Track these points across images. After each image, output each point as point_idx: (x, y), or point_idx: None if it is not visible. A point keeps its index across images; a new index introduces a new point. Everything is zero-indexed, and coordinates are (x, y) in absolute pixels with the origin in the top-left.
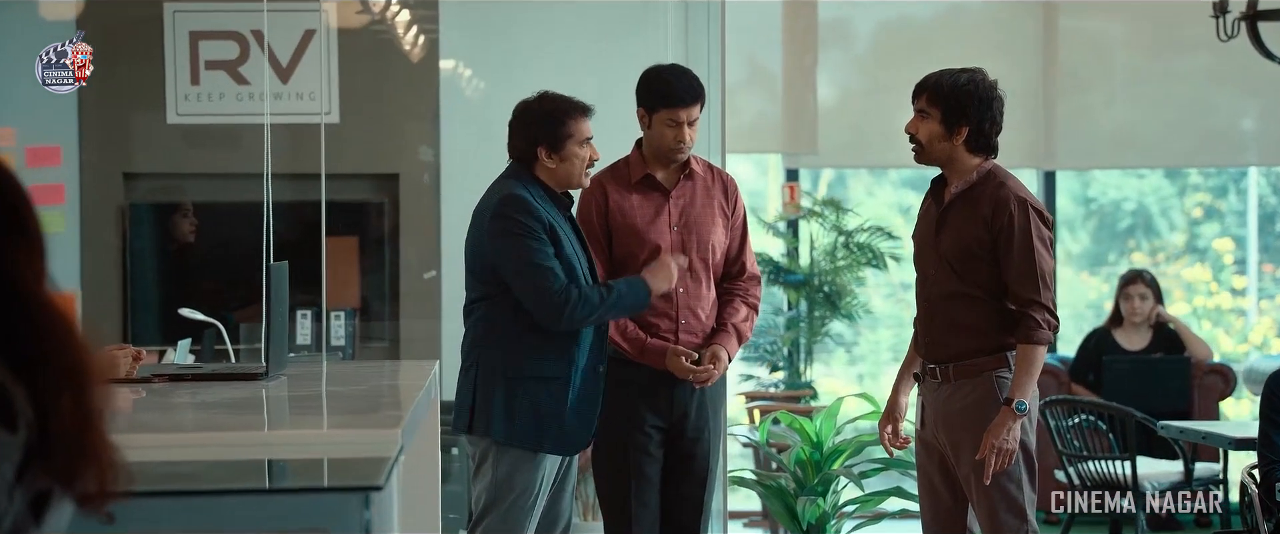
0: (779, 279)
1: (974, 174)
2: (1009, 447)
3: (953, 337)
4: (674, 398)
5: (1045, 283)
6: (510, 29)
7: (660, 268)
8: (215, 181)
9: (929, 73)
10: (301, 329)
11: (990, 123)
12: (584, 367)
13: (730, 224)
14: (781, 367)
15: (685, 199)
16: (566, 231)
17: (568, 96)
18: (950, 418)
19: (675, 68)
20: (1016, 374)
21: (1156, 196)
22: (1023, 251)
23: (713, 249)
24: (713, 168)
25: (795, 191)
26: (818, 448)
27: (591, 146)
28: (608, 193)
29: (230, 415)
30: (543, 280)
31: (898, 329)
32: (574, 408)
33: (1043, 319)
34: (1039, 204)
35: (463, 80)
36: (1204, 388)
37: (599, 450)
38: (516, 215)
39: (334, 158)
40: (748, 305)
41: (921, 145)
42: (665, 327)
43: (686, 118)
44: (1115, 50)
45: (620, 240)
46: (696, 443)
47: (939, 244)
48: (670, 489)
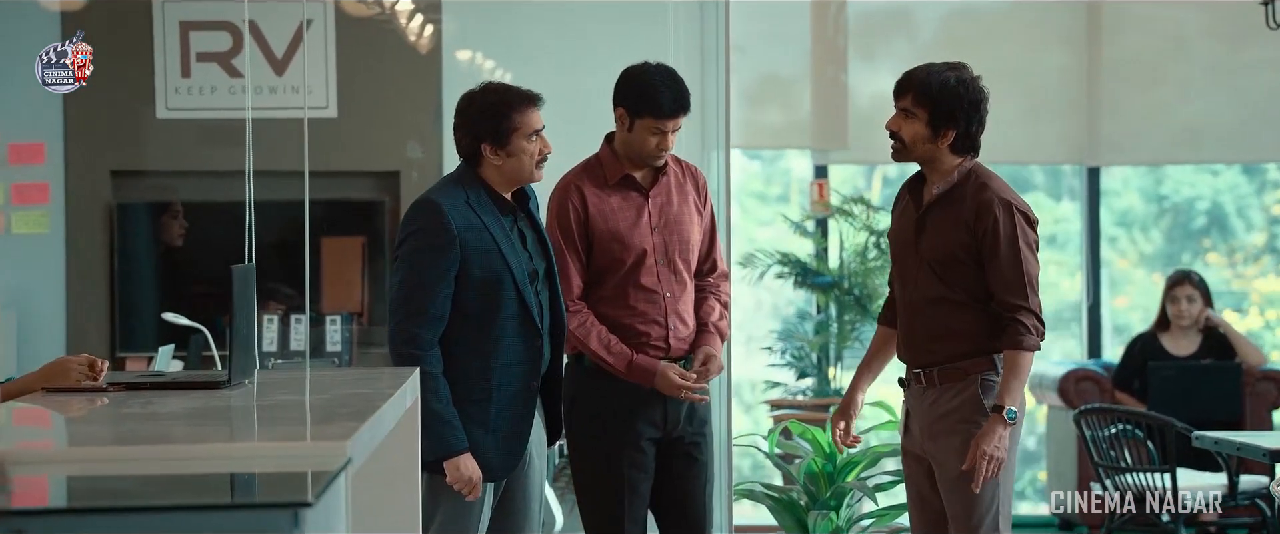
0: (806, 281)
1: (954, 174)
2: (999, 455)
3: (937, 342)
4: (666, 404)
5: (1032, 288)
6: (517, 19)
7: None
8: (208, 180)
9: (913, 68)
10: (295, 335)
11: (977, 125)
12: (511, 384)
13: (702, 219)
14: (810, 373)
15: (662, 197)
16: (504, 239)
17: (513, 86)
18: (935, 424)
19: (662, 71)
20: (1005, 381)
21: (1233, 194)
22: (1009, 257)
23: (692, 247)
24: (680, 161)
25: (824, 189)
26: (831, 460)
27: (542, 139)
28: (585, 196)
29: (172, 427)
30: (399, 306)
31: None
32: (497, 430)
33: (1031, 325)
34: (1024, 205)
35: (467, 72)
36: (1256, 395)
37: (583, 465)
38: (416, 223)
39: (332, 154)
40: (721, 303)
41: (903, 144)
42: (655, 335)
43: (671, 127)
44: (1169, 41)
45: (602, 246)
46: (697, 446)
47: (919, 247)
48: (674, 500)
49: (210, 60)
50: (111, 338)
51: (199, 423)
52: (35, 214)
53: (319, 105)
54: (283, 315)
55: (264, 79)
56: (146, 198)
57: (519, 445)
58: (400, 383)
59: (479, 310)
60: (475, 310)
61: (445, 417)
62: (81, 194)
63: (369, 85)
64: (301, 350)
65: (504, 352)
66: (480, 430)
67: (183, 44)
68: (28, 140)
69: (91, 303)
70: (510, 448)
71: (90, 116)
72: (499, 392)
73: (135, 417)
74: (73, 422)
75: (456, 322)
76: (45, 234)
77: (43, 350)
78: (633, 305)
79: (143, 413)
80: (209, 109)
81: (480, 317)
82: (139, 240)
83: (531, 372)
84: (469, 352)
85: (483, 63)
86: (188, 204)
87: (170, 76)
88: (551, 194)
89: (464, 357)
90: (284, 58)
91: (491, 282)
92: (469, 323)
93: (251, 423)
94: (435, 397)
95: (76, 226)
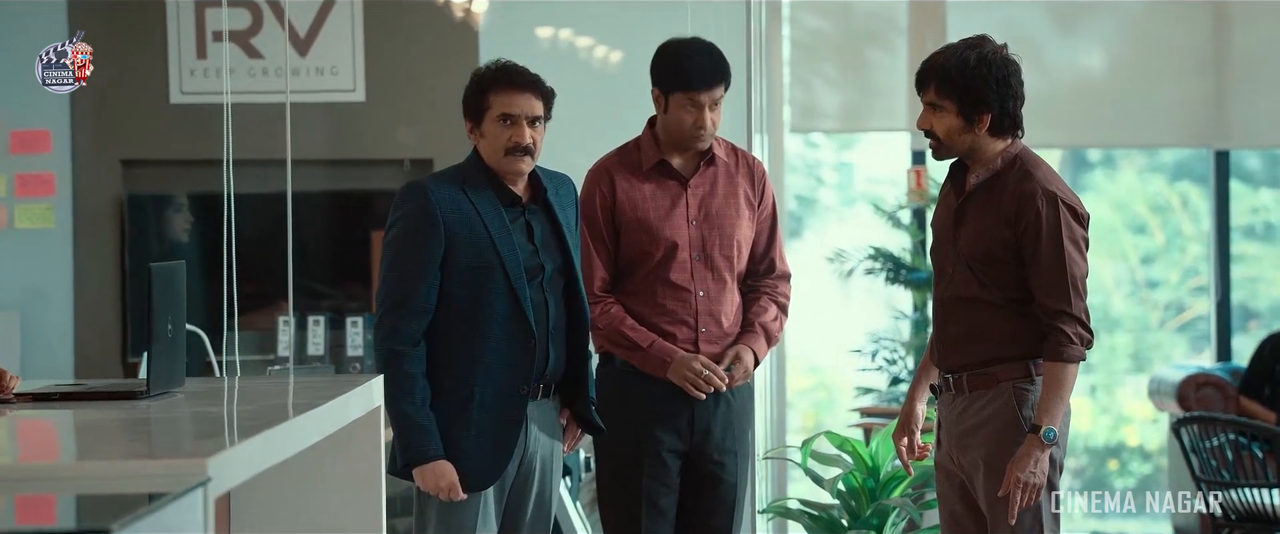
0: (900, 277)
1: (997, 161)
2: (1036, 481)
3: (969, 344)
4: (694, 414)
5: (1077, 290)
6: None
7: None
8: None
9: (929, 56)
10: (314, 338)
11: (1013, 99)
12: (495, 386)
13: (757, 215)
14: (904, 379)
15: (705, 188)
16: (500, 228)
17: (509, 65)
18: (965, 437)
19: (695, 43)
20: (1043, 397)
21: None
22: (1051, 254)
23: (738, 246)
24: (738, 151)
25: (922, 176)
26: (872, 474)
27: (517, 127)
28: (614, 181)
29: (43, 442)
30: (382, 297)
31: (1137, 333)
32: (478, 435)
33: (1074, 333)
34: (1072, 198)
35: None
36: None
37: (605, 477)
38: (399, 209)
39: (360, 141)
40: (777, 305)
41: (939, 141)
42: (683, 335)
43: (707, 101)
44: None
45: (630, 236)
46: (723, 466)
47: (957, 241)
48: (694, 521)
49: (228, 39)
50: (122, 340)
51: (79, 437)
52: (40, 207)
53: (346, 87)
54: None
55: (289, 60)
56: (159, 189)
57: (504, 454)
58: (344, 390)
59: (466, 303)
60: (462, 303)
61: (417, 421)
62: (90, 186)
63: (400, 66)
64: (320, 355)
65: (489, 350)
66: (461, 434)
67: (198, 22)
68: (32, 128)
69: (101, 303)
70: (494, 456)
71: (99, 102)
72: (482, 393)
73: (9, 431)
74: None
75: (442, 315)
76: (51, 229)
77: (49, 355)
78: (660, 302)
79: (23, 426)
80: (227, 93)
81: (467, 310)
82: (152, 236)
83: (521, 375)
84: (454, 348)
85: (524, 40)
86: (204, 196)
87: (185, 57)
88: (584, 179)
89: (449, 353)
90: (308, 36)
91: (479, 271)
92: (455, 317)
93: (128, 439)
94: (408, 399)
95: (84, 221)
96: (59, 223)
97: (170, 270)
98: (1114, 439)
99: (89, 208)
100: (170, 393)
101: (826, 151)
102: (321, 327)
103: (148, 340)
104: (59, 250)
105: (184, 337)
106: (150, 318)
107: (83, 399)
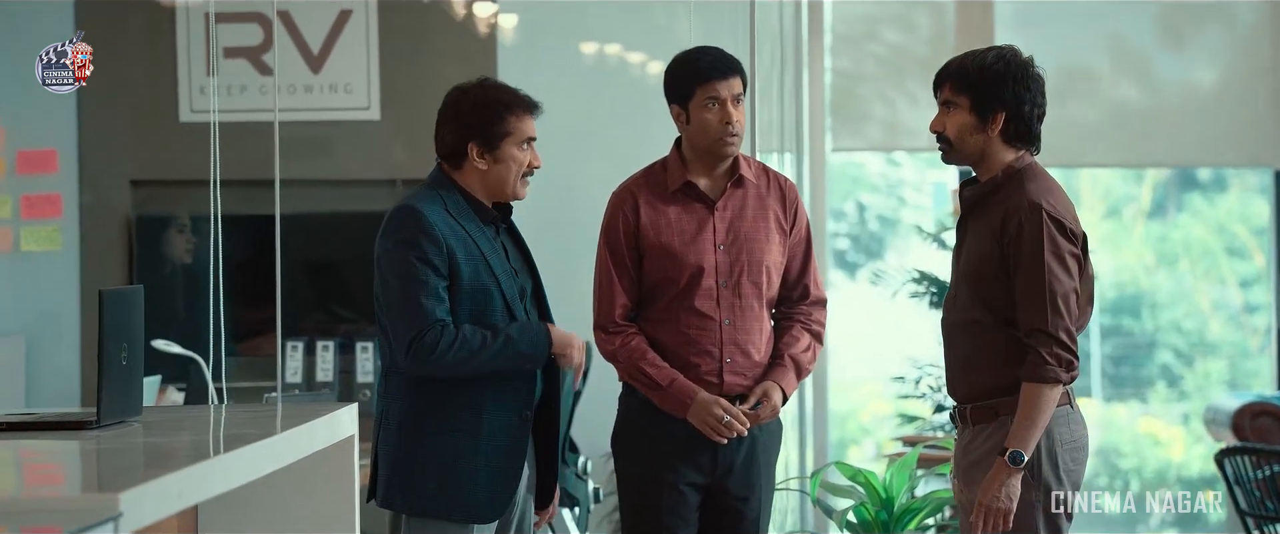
0: (941, 300)
1: (999, 173)
2: (1000, 506)
3: (971, 372)
4: (717, 452)
5: (1056, 308)
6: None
7: None
8: (237, 190)
9: (949, 60)
10: (323, 364)
11: (1031, 105)
12: (503, 411)
13: (789, 240)
14: (946, 406)
15: (733, 211)
16: (490, 250)
17: (513, 88)
18: (968, 472)
19: (699, 46)
20: (1017, 418)
21: None
22: (1031, 269)
23: (768, 272)
24: (769, 171)
25: None
26: (886, 507)
27: (533, 151)
28: (639, 204)
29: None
30: (410, 315)
31: (1234, 359)
32: (488, 464)
33: (1050, 354)
34: (1062, 211)
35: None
36: None
37: (624, 505)
38: (400, 233)
39: (373, 161)
40: (810, 333)
41: (950, 143)
42: (707, 367)
43: (727, 94)
44: None
45: (654, 262)
46: (746, 502)
47: (959, 259)
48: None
49: (239, 56)
50: None
51: (10, 469)
52: (47, 229)
53: (360, 105)
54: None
55: (299, 77)
56: (169, 210)
57: (513, 481)
58: (304, 420)
59: (470, 323)
60: (466, 323)
61: (508, 334)
62: (98, 206)
63: (415, 83)
64: (329, 381)
65: (495, 374)
66: (469, 464)
67: (208, 38)
68: (39, 147)
69: None
70: (502, 485)
71: (107, 120)
72: (491, 417)
73: None
74: None
75: None
76: (58, 251)
77: (55, 379)
78: (684, 331)
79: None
80: (237, 111)
81: None
82: (161, 257)
83: (524, 400)
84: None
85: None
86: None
87: (194, 75)
88: (608, 202)
89: (445, 385)
90: (320, 53)
91: (479, 293)
92: None
93: (57, 471)
94: (485, 344)
95: (92, 242)
96: (66, 245)
97: (124, 295)
98: (1208, 469)
99: (97, 229)
100: (126, 421)
101: (909, 170)
102: (331, 352)
103: (98, 369)
104: (66, 273)
105: (141, 365)
106: (101, 345)
107: (29, 429)
